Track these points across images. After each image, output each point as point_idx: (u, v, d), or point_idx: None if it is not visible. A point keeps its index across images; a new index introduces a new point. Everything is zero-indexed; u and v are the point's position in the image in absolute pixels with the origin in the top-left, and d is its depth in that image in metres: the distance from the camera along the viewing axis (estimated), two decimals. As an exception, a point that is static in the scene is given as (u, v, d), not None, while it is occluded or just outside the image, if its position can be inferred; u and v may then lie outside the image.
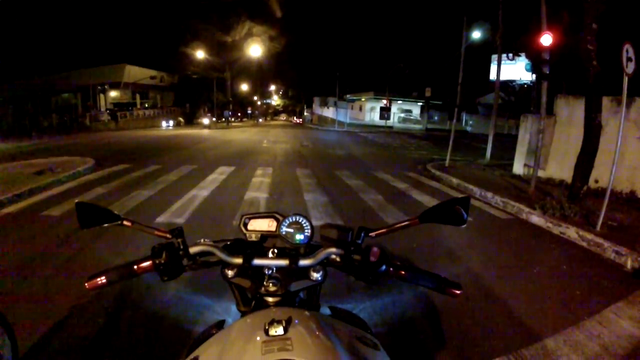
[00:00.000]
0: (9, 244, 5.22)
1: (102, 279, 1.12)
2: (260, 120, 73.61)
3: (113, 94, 45.85)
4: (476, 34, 18.55)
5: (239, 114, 69.05)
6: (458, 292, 1.12)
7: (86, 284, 1.12)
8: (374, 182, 9.70)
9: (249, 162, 12.97)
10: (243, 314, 1.25)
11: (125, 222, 1.22)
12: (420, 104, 50.01)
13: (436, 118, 49.48)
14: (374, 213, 6.88)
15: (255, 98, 75.71)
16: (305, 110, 76.47)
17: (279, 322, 0.86)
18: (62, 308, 3.43)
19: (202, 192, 8.04)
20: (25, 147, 19.15)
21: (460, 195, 8.54)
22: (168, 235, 1.19)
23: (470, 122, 42.12)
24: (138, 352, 2.92)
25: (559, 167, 9.71)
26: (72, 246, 5.08)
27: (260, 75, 61.38)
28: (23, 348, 2.69)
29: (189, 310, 3.40)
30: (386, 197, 8.01)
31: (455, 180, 9.88)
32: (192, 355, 0.97)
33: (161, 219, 6.22)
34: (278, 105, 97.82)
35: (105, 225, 1.22)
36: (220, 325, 1.24)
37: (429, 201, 7.85)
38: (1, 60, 29.88)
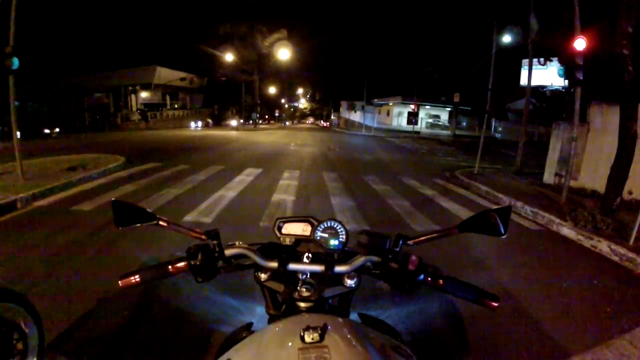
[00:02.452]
0: (39, 236, 5.43)
1: (136, 278, 1.13)
2: (288, 123, 74.07)
3: (144, 94, 47.22)
4: (507, 38, 18.20)
5: (267, 117, 69.67)
6: (495, 304, 1.11)
7: (119, 282, 1.13)
8: (401, 188, 9.66)
9: (276, 164, 13.09)
10: (272, 317, 1.25)
11: (160, 222, 1.22)
12: (449, 109, 49.38)
13: (464, 124, 48.77)
14: (400, 219, 6.85)
15: (283, 101, 76.21)
16: (332, 114, 76.49)
17: (314, 328, 0.85)
18: (90, 300, 3.55)
19: (229, 192, 8.15)
20: (58, 143, 19.82)
21: (491, 204, 8.48)
22: (204, 237, 1.19)
23: (500, 129, 41.29)
24: (162, 347, 3.00)
25: (592, 177, 9.44)
26: (102, 240, 5.27)
27: (288, 78, 61.86)
28: (50, 337, 2.80)
29: (213, 308, 3.46)
30: (413, 204, 7.96)
31: (484, 188, 9.73)
32: (224, 357, 0.97)
33: (189, 217, 6.34)
34: (305, 108, 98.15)
35: (140, 225, 1.22)
36: (248, 327, 1.24)
37: (457, 209, 7.76)
38: (38, 60, 30.96)
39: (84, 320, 3.28)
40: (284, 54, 40.73)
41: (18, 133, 9.17)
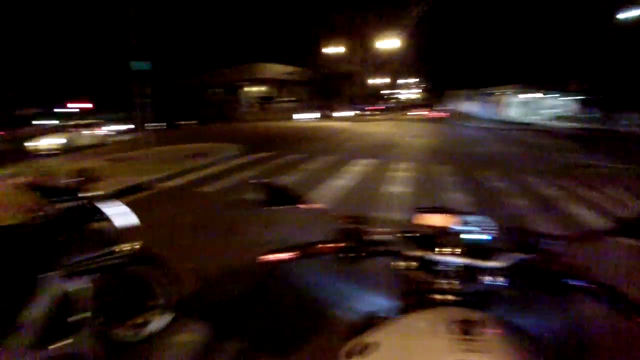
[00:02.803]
0: (168, 213, 6.22)
1: (278, 256, 1.14)
2: (397, 114, 73.02)
3: (255, 88, 51.58)
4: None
5: (375, 108, 69.40)
6: None
7: (261, 258, 1.15)
8: (521, 187, 8.97)
9: (387, 155, 13.02)
10: (406, 307, 1.20)
11: (304, 205, 1.25)
12: (577, 97, 44.70)
13: (594, 115, 43.82)
14: (522, 221, 6.37)
15: (391, 91, 75.15)
16: (441, 104, 73.82)
17: (463, 322, 0.85)
18: (214, 274, 3.93)
19: (342, 182, 8.28)
20: (182, 133, 21.74)
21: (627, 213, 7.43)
22: (351, 221, 1.19)
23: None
24: (281, 322, 3.17)
25: None
26: (225, 220, 5.79)
27: (396, 68, 60.73)
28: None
29: (334, 294, 3.50)
30: (535, 205, 7.35)
31: (619, 192, 8.61)
32: (368, 339, 0.96)
33: (303, 205, 6.49)
34: (414, 99, 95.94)
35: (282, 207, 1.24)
36: (378, 314, 1.21)
37: (588, 215, 6.96)
38: (166, 62, 35.92)
39: (208, 291, 3.62)
40: (392, 43, 40.06)
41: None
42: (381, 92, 67.89)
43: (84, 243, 2.40)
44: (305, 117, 45.69)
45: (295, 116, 44.98)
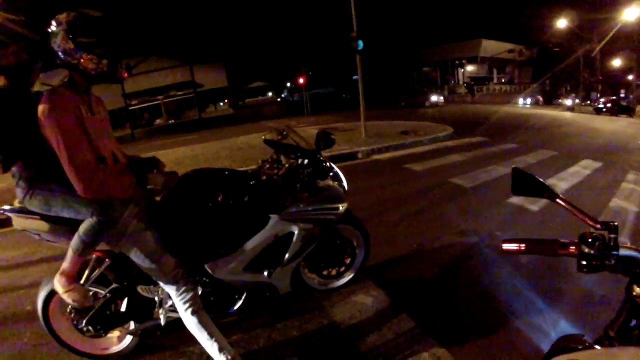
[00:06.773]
0: (375, 183, 6.83)
1: (521, 246, 1.15)
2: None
3: (470, 68, 49.10)
4: None
5: (613, 98, 58.39)
6: None
7: (502, 245, 1.18)
8: None
9: (618, 160, 10.69)
10: (624, 338, 1.09)
11: (558, 200, 1.27)
12: None
13: None
14: None
15: (632, 77, 62.05)
16: None
17: None
18: (404, 248, 4.27)
19: (561, 183, 7.45)
20: (391, 112, 22.34)
21: None
22: (598, 226, 1.12)
23: None
24: (458, 315, 3.16)
25: None
26: (427, 199, 6.02)
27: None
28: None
29: (533, 307, 3.23)
30: None
31: None
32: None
33: (515, 200, 6.04)
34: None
35: (534, 197, 1.30)
36: (581, 338, 1.18)
37: None
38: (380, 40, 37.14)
39: (395, 262, 3.94)
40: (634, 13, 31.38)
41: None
42: (623, 77, 56.24)
43: (310, 195, 2.86)
44: (525, 103, 41.79)
45: (514, 100, 41.50)
